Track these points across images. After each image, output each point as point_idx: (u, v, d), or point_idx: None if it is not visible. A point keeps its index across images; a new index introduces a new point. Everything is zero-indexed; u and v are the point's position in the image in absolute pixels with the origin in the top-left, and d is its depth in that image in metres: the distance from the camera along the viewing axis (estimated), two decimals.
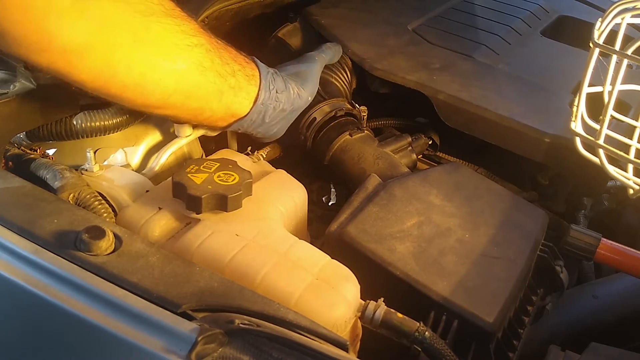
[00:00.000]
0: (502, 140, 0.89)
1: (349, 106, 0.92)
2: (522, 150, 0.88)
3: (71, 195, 0.65)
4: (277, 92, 0.76)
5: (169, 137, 0.86)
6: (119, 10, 0.58)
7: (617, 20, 0.74)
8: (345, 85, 1.00)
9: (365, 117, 0.94)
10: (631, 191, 0.77)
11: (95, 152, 0.76)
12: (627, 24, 0.75)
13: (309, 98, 0.82)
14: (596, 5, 1.35)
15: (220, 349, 0.47)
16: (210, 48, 0.67)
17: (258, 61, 0.76)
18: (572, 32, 1.22)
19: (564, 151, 0.80)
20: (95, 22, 0.56)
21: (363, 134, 0.87)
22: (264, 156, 0.88)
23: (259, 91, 0.73)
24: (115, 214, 0.68)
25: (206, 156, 0.89)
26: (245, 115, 0.74)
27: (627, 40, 0.78)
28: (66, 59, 0.57)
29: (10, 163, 0.71)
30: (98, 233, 0.54)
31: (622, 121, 0.78)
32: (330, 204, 0.88)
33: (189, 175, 0.67)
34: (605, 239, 0.75)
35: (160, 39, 0.62)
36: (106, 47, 0.58)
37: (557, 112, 0.91)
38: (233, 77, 0.70)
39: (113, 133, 0.78)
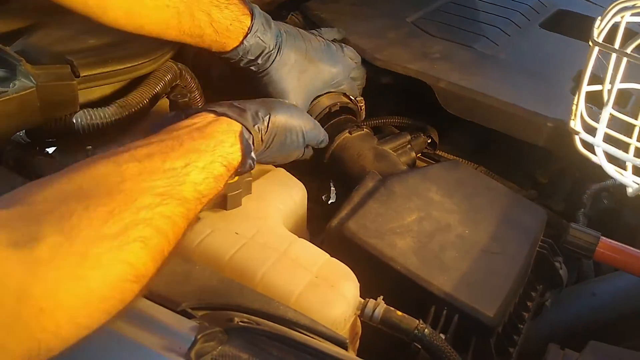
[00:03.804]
0: (503, 125, 0.89)
1: (345, 99, 0.91)
2: (525, 135, 0.88)
3: None
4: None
5: None
6: None
7: (617, 18, 0.74)
8: None
9: (363, 108, 0.94)
10: (630, 190, 0.76)
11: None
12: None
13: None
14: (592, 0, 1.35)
15: (219, 347, 0.47)
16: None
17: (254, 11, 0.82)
18: (571, 25, 1.22)
19: (567, 136, 0.80)
20: None
21: (362, 132, 0.87)
22: None
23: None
24: None
25: None
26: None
27: (631, 36, 0.78)
28: None
29: (10, 162, 0.71)
30: None
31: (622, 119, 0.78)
32: (329, 202, 0.88)
33: None
34: (604, 238, 0.75)
35: None
36: None
37: (559, 98, 0.91)
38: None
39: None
